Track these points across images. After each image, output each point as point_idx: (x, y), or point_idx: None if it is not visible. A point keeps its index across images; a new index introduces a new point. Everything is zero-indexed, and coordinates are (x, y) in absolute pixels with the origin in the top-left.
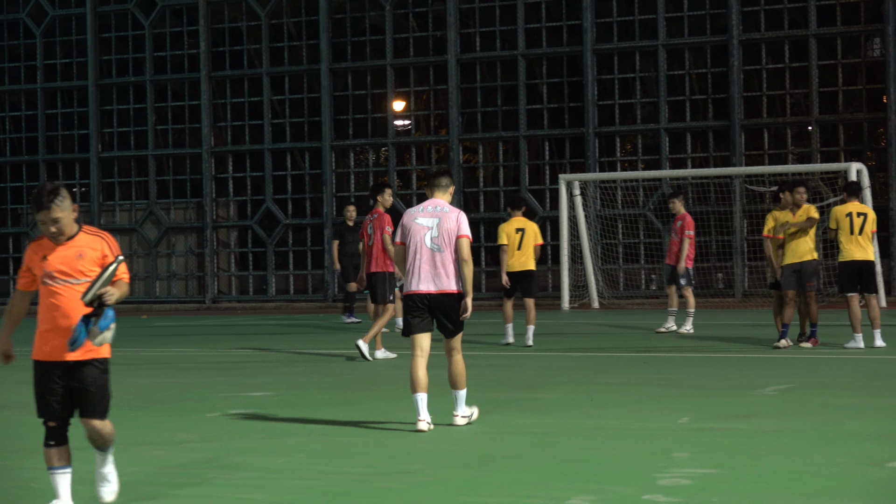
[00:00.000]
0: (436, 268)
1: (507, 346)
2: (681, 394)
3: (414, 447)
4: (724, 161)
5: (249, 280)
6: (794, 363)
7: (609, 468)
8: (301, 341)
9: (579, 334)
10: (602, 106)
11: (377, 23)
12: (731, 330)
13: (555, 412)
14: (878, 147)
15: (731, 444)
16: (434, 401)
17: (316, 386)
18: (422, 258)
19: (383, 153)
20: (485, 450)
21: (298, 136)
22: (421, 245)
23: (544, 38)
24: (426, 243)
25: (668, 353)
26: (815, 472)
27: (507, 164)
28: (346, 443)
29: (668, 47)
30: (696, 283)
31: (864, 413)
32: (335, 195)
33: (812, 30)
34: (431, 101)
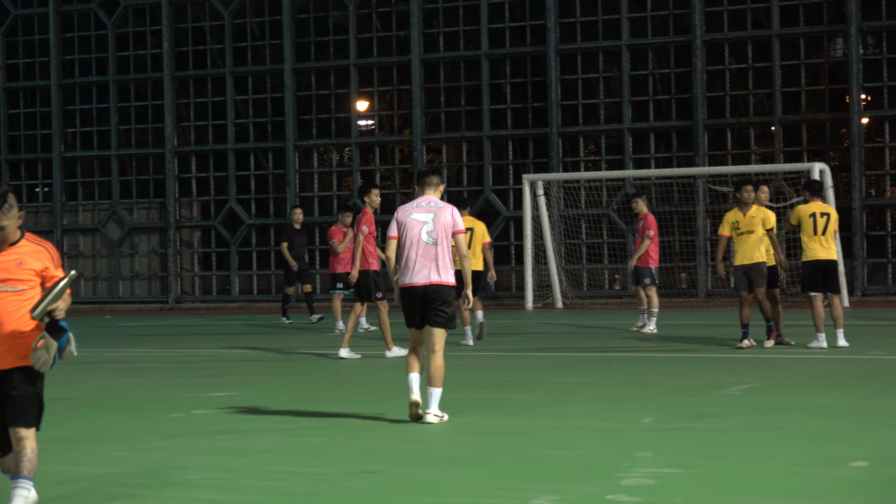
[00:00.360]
0: (432, 260)
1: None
2: (644, 394)
3: (378, 447)
4: (687, 161)
5: (213, 280)
6: (757, 363)
7: (573, 468)
8: (264, 341)
9: (543, 334)
10: (565, 106)
11: (340, 22)
12: (694, 330)
13: (519, 412)
14: (841, 147)
15: (695, 443)
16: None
17: (279, 386)
18: (418, 252)
19: (347, 153)
20: (449, 450)
21: (262, 136)
22: (417, 239)
23: (508, 38)
24: (422, 238)
25: (632, 353)
26: (778, 471)
27: (470, 164)
28: (310, 443)
29: (631, 47)
30: (659, 283)
31: (827, 413)
32: (298, 195)
33: (775, 30)
34: (395, 100)
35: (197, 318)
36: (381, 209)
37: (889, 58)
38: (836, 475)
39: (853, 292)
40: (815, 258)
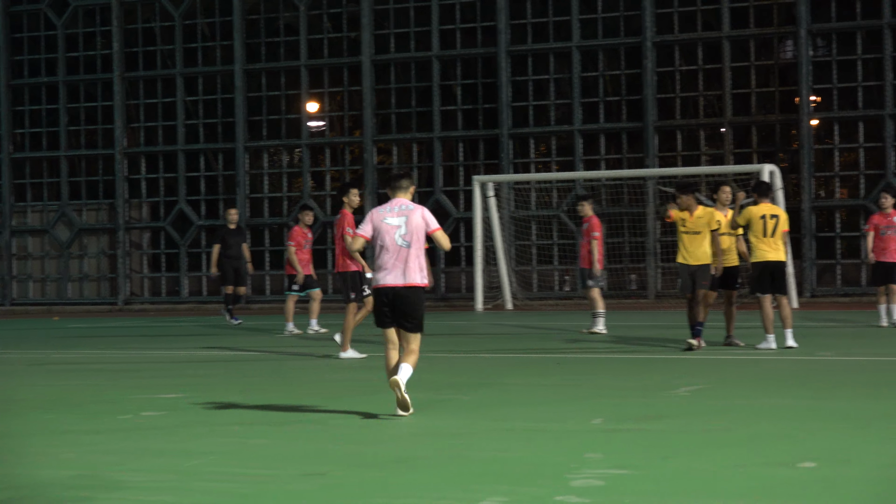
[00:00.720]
0: (404, 262)
1: None
2: (594, 395)
3: (326, 449)
4: (637, 162)
5: (162, 282)
6: (706, 364)
7: (522, 469)
8: (213, 343)
9: (493, 335)
10: (516, 107)
11: (291, 23)
12: (644, 331)
13: (468, 413)
14: (791, 149)
15: (644, 444)
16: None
17: (228, 387)
18: (391, 255)
19: (297, 154)
20: (398, 451)
21: (212, 137)
22: (391, 243)
23: (458, 39)
24: (396, 241)
25: (582, 354)
26: (726, 472)
27: (421, 166)
28: (258, 444)
29: (582, 49)
30: (607, 285)
31: (776, 413)
32: (249, 196)
33: (725, 32)
34: (346, 102)
35: (146, 319)
36: (329, 210)
37: (839, 60)
38: (785, 476)
39: (802, 293)
40: (764, 259)
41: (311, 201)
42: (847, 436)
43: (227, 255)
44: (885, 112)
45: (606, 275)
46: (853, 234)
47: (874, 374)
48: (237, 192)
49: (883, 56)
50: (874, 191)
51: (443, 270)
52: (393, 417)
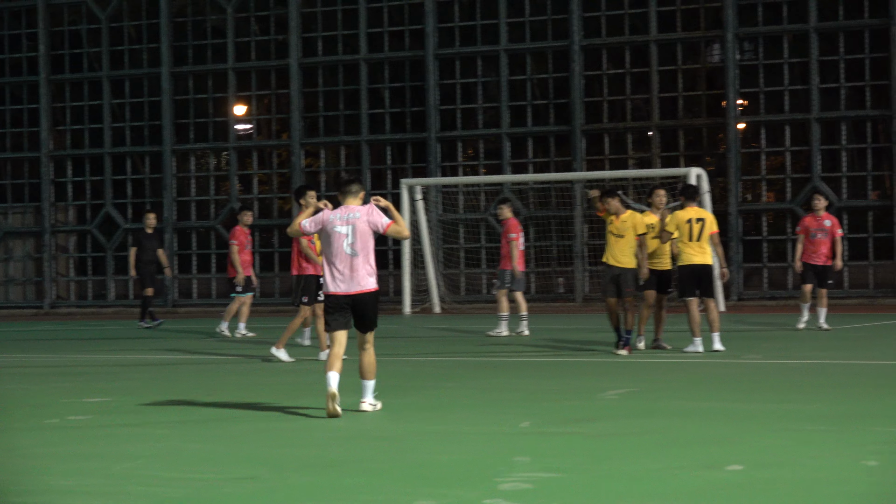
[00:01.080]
0: (354, 271)
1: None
2: (522, 398)
3: (258, 452)
4: (565, 166)
5: (89, 285)
6: (634, 367)
7: (451, 472)
8: (141, 346)
9: (421, 339)
10: (444, 111)
11: (218, 26)
12: (572, 334)
13: (397, 417)
14: (718, 152)
15: (572, 447)
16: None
17: (157, 391)
18: (342, 263)
19: (224, 157)
20: (329, 454)
21: (139, 140)
22: (340, 251)
23: (386, 42)
24: (345, 250)
25: (510, 357)
26: (655, 475)
27: (349, 169)
28: (189, 448)
29: (509, 52)
30: (527, 287)
31: (704, 416)
32: (176, 200)
33: (653, 35)
34: (273, 105)
35: (72, 323)
36: (258, 213)
37: (765, 63)
38: (713, 478)
39: (729, 297)
40: (690, 263)
41: (239, 202)
42: (776, 438)
43: (143, 260)
44: (811, 116)
45: (526, 277)
46: (780, 238)
47: (800, 377)
48: (164, 196)
49: (809, 59)
50: (801, 194)
51: None
52: (325, 420)
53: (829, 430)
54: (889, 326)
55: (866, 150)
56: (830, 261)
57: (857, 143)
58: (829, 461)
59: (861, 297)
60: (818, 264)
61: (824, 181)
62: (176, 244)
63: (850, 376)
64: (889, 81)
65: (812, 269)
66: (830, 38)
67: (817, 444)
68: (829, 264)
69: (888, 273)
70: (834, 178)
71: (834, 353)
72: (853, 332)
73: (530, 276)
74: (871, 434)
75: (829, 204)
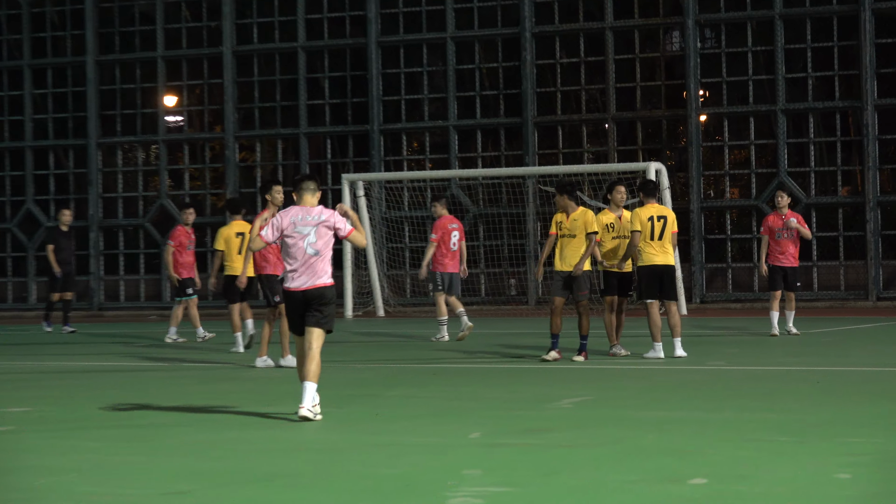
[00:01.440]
0: (313, 269)
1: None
2: (472, 407)
3: (190, 466)
4: (516, 160)
5: (8, 287)
6: (590, 374)
7: (396, 487)
8: (66, 353)
9: (364, 344)
10: (387, 101)
11: (147, 12)
12: (524, 339)
13: (339, 427)
14: (678, 146)
15: (524, 460)
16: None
17: (83, 400)
18: (302, 262)
19: (154, 151)
20: (265, 468)
21: (62, 133)
22: (301, 251)
23: (326, 29)
24: (306, 250)
25: (458, 364)
26: (611, 489)
27: (286, 164)
28: (117, 462)
29: (456, 40)
30: (482, 290)
31: (664, 427)
32: (101, 196)
33: (608, 22)
34: (205, 95)
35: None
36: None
37: (728, 52)
38: (674, 493)
39: (691, 299)
40: (651, 263)
41: (188, 199)
42: (741, 450)
43: (58, 260)
44: (777, 107)
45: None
46: (745, 237)
47: (767, 385)
48: (89, 192)
49: (774, 48)
50: (766, 190)
51: None
52: (262, 430)
53: (799, 441)
54: (861, 331)
55: (836, 144)
56: (798, 262)
57: (826, 136)
58: (798, 474)
59: (832, 300)
60: (785, 266)
61: (791, 177)
62: (102, 243)
63: (819, 384)
64: (859, 71)
65: (780, 271)
66: (797, 25)
67: (786, 456)
68: (796, 265)
69: (860, 274)
70: (801, 174)
71: (803, 359)
72: (823, 336)
73: (480, 277)
74: (842, 445)
75: (795, 201)
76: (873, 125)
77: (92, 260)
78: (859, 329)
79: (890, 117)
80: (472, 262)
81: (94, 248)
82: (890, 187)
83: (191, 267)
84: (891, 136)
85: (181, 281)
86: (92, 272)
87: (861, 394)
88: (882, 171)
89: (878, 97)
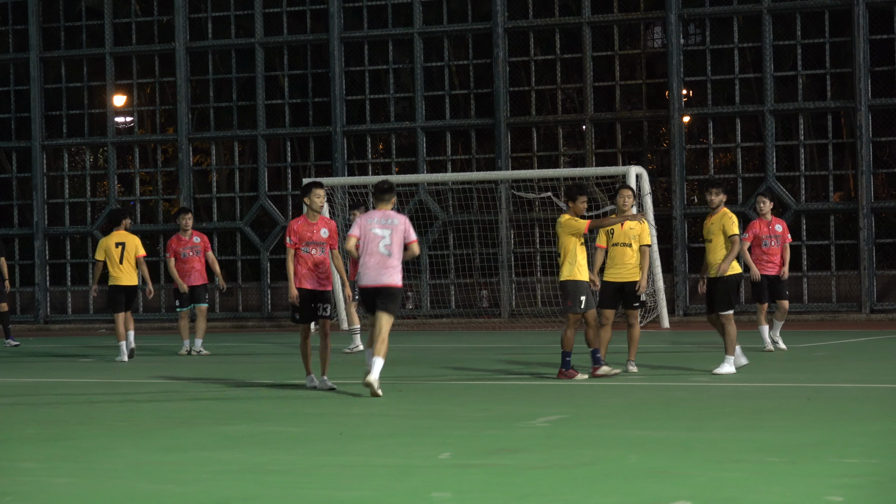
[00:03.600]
0: (385, 268)
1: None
2: (441, 426)
3: (135, 488)
4: (488, 164)
5: None
6: (567, 391)
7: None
8: (9, 369)
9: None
10: (351, 101)
11: (94, 6)
12: (496, 354)
13: (298, 448)
14: (660, 148)
15: (497, 481)
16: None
17: (24, 420)
18: (374, 260)
19: (102, 154)
20: (218, 492)
21: (4, 135)
22: (375, 250)
23: (285, 24)
24: (380, 250)
25: (426, 381)
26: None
27: (243, 167)
28: (58, 484)
29: (424, 36)
30: (452, 301)
31: (645, 446)
32: (47, 201)
33: (586, 17)
34: (157, 94)
35: None
36: (139, 217)
37: (713, 48)
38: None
39: (674, 312)
40: (737, 272)
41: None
42: (728, 471)
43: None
44: (765, 108)
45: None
46: None
47: (754, 402)
48: (34, 197)
49: (762, 44)
50: (753, 196)
51: (270, 286)
52: (212, 452)
53: (789, 462)
54: (853, 345)
55: (827, 147)
56: (781, 270)
57: (817, 138)
58: (788, 497)
59: (822, 312)
60: (772, 275)
61: (780, 181)
62: (47, 252)
63: (810, 401)
64: (852, 69)
65: (767, 280)
66: (786, 20)
67: (775, 478)
68: (780, 274)
69: (852, 285)
70: (791, 178)
71: (793, 375)
72: (814, 350)
73: (450, 287)
74: (835, 466)
75: (784, 207)
76: (867, 127)
77: (37, 270)
78: (852, 343)
79: (884, 118)
80: (441, 272)
81: (40, 257)
82: (884, 193)
83: (188, 273)
84: (885, 139)
85: (174, 292)
86: (37, 283)
87: (854, 412)
88: (876, 176)
89: (872, 97)
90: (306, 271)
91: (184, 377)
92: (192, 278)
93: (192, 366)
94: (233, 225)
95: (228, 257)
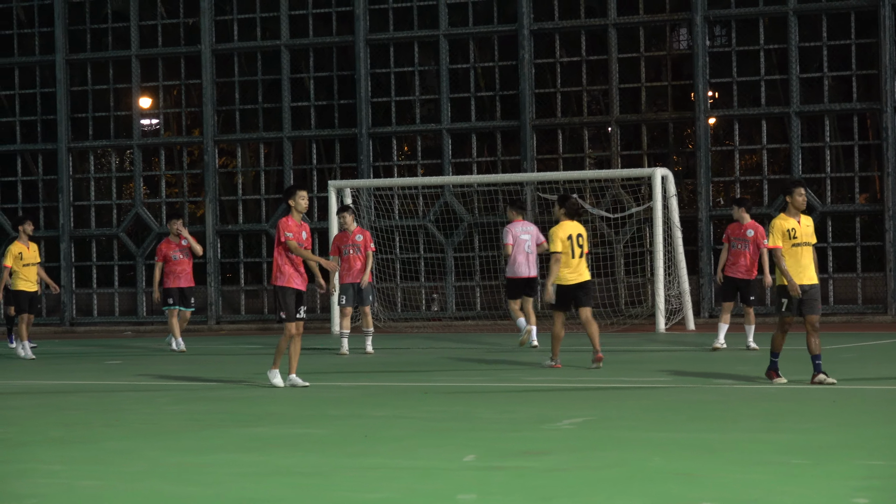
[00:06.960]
0: (530, 262)
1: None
2: (466, 428)
3: (161, 490)
4: (513, 166)
5: None
6: (592, 394)
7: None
8: (33, 371)
9: (351, 362)
10: (376, 103)
11: (120, 9)
12: (521, 356)
13: (324, 450)
14: (686, 150)
15: (522, 484)
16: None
17: (50, 422)
18: (524, 256)
19: (128, 156)
20: (244, 493)
21: (31, 137)
22: (523, 249)
23: (311, 26)
24: (526, 249)
25: (451, 383)
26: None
27: (269, 169)
28: (84, 486)
29: (450, 38)
30: (477, 304)
31: (669, 449)
32: (73, 204)
33: (612, 19)
34: (183, 97)
35: None
36: (164, 219)
37: (739, 50)
38: None
39: (699, 314)
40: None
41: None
42: (752, 473)
43: None
44: (790, 109)
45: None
46: None
47: (778, 404)
48: (60, 199)
49: (788, 46)
50: (779, 198)
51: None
52: (236, 454)
53: (813, 464)
54: (879, 346)
55: (853, 148)
56: (753, 274)
57: (843, 139)
58: (812, 499)
59: (848, 314)
60: (738, 278)
61: (806, 183)
62: (73, 255)
63: (834, 403)
64: (878, 70)
65: (732, 283)
66: (812, 22)
67: (800, 479)
68: (750, 278)
69: (878, 287)
70: (817, 180)
71: None
72: (838, 353)
73: (475, 289)
74: (859, 468)
75: (811, 209)
76: (893, 128)
77: (63, 272)
78: (878, 345)
79: None
80: (466, 274)
81: (66, 259)
82: None
83: (178, 276)
84: None
85: (164, 291)
86: (63, 285)
87: (879, 413)
88: None
89: None
90: (293, 270)
91: (208, 378)
92: (182, 280)
93: (217, 368)
94: (258, 227)
95: (254, 259)
